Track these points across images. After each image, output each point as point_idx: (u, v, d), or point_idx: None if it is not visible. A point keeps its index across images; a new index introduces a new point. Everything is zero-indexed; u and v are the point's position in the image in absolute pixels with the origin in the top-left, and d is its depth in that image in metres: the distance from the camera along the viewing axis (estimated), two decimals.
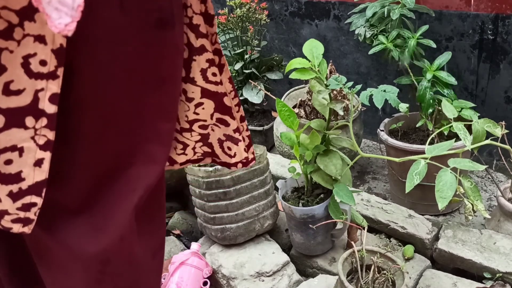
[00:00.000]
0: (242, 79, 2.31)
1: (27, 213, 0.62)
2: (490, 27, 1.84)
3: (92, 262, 0.73)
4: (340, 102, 1.33)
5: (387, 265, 1.22)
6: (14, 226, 0.63)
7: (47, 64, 0.56)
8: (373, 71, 2.24)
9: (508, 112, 1.90)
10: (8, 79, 0.55)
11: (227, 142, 0.93)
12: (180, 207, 1.92)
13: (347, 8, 2.18)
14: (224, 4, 2.41)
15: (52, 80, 0.57)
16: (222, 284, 1.46)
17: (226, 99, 0.88)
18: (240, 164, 0.96)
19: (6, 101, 0.56)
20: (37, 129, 0.59)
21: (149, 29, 0.68)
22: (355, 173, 2.13)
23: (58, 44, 0.56)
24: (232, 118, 0.90)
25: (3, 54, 0.54)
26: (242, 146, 0.94)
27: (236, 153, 0.94)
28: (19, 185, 0.60)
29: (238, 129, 0.92)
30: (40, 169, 0.60)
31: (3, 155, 0.58)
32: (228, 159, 0.95)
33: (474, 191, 1.10)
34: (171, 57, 0.74)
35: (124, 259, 0.77)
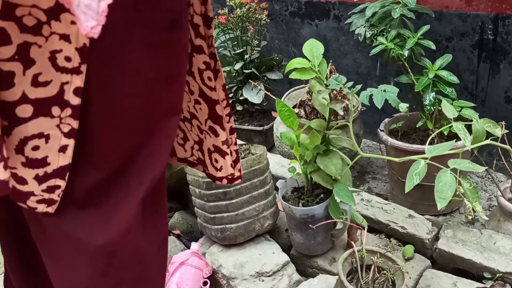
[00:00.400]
0: (242, 79, 2.31)
1: (51, 194, 0.66)
2: (490, 27, 1.84)
3: (98, 254, 0.74)
4: (340, 102, 1.33)
5: (387, 265, 1.22)
6: (39, 206, 0.67)
7: (71, 60, 0.60)
8: (373, 71, 2.24)
9: (508, 112, 1.90)
10: (37, 71, 0.59)
11: (215, 154, 0.93)
12: (180, 207, 1.92)
13: (347, 8, 2.18)
14: (224, 4, 2.41)
15: (76, 75, 0.61)
16: (222, 284, 1.46)
17: (218, 107, 0.89)
18: (225, 180, 0.96)
19: (34, 92, 0.60)
20: (62, 118, 0.63)
21: (161, 30, 0.71)
22: (355, 173, 2.13)
23: (81, 43, 0.60)
24: (222, 129, 0.91)
25: (32, 48, 0.58)
26: (228, 160, 0.94)
27: (222, 167, 0.94)
28: (44, 169, 0.64)
29: (227, 141, 0.92)
30: (64, 154, 0.65)
31: (31, 141, 0.62)
32: (214, 171, 0.95)
33: (473, 193, 1.10)
34: (179, 57, 0.77)
35: (130, 252, 0.78)
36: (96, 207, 0.73)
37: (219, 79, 0.89)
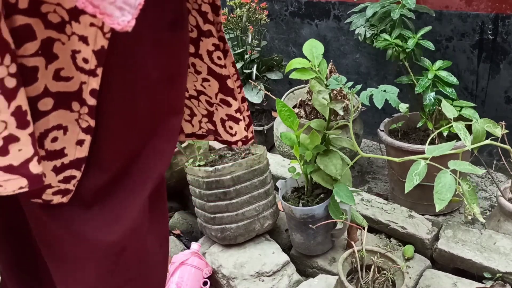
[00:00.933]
0: (242, 79, 2.31)
1: (67, 184, 0.67)
2: (490, 27, 1.84)
3: (106, 252, 0.75)
4: (340, 102, 1.33)
5: (387, 265, 1.22)
6: (54, 198, 0.67)
7: (88, 62, 0.61)
8: (373, 71, 2.24)
9: (508, 112, 1.90)
10: (59, 66, 0.60)
11: (229, 122, 0.98)
12: (180, 207, 1.92)
13: (347, 8, 2.18)
14: (224, 4, 2.41)
15: (92, 77, 0.62)
16: (222, 284, 1.46)
17: (229, 81, 0.93)
18: (240, 142, 1.01)
19: (55, 85, 0.61)
20: (81, 114, 0.64)
21: (163, 30, 0.72)
22: (355, 173, 2.13)
23: (99, 45, 0.60)
24: (234, 99, 0.95)
25: (56, 44, 0.59)
26: (242, 125, 0.99)
27: (237, 131, 0.99)
28: (62, 160, 0.65)
29: (240, 109, 0.97)
30: (81, 148, 0.66)
31: (51, 133, 0.63)
32: (230, 137, 1.00)
33: (471, 194, 1.09)
34: (180, 57, 0.79)
35: (137, 249, 0.80)
36: (103, 206, 0.74)
37: (228, 58, 0.93)
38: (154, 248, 0.85)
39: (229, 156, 1.61)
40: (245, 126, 1.00)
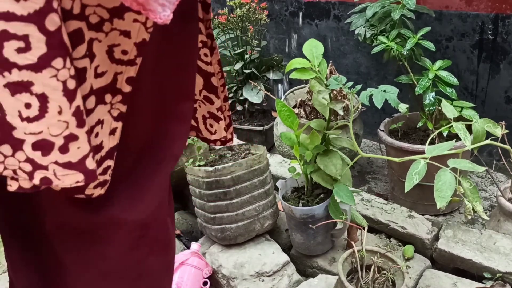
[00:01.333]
0: (242, 79, 2.31)
1: (105, 176, 0.69)
2: (490, 27, 1.84)
3: (132, 231, 0.79)
4: (340, 102, 1.33)
5: (387, 265, 1.22)
6: (95, 191, 0.69)
7: (127, 53, 0.66)
8: (373, 71, 2.24)
9: (508, 112, 1.90)
10: (97, 64, 0.64)
11: (209, 119, 1.01)
12: (180, 207, 1.92)
13: (347, 8, 2.18)
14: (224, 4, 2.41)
15: (130, 66, 0.67)
16: (222, 284, 1.46)
17: (213, 79, 0.97)
18: (219, 142, 1.05)
19: (96, 82, 0.65)
20: (113, 104, 0.67)
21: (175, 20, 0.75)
22: (355, 173, 2.13)
23: (141, 38, 0.66)
24: (217, 97, 0.99)
25: (94, 43, 0.63)
26: (222, 124, 1.02)
27: (216, 130, 1.02)
28: (100, 153, 0.68)
29: (221, 108, 1.00)
30: (114, 136, 0.69)
31: (95, 129, 0.66)
32: (209, 135, 1.03)
33: (473, 192, 1.09)
34: (189, 46, 0.83)
35: (159, 226, 0.84)
36: (128, 187, 0.78)
37: (214, 55, 0.97)
38: (171, 226, 0.90)
39: (229, 156, 1.61)
40: (225, 126, 1.03)
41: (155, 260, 0.87)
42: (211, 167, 1.45)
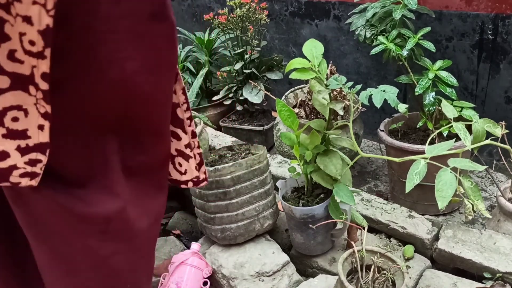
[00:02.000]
0: (242, 79, 2.31)
1: (33, 167, 0.68)
2: (490, 27, 1.84)
3: (93, 222, 0.77)
4: (340, 102, 1.33)
5: (387, 265, 1.22)
6: (22, 180, 0.68)
7: (35, 44, 0.60)
8: (373, 71, 2.24)
9: (508, 112, 1.90)
10: (12, 47, 0.60)
11: (178, 158, 0.94)
12: (180, 207, 1.92)
13: (347, 8, 2.18)
14: (224, 4, 2.41)
15: (41, 60, 0.62)
16: (222, 284, 1.46)
17: (178, 110, 0.90)
18: (191, 183, 0.98)
19: (11, 65, 0.61)
20: (38, 99, 0.65)
21: (142, 21, 0.72)
22: (355, 173, 2.13)
23: (44, 25, 0.60)
24: (184, 132, 0.92)
25: (6, 25, 0.59)
26: (193, 163, 0.95)
27: (186, 170, 0.96)
28: (26, 141, 0.66)
29: (190, 145, 0.93)
30: (43, 132, 0.67)
31: (10, 112, 0.64)
32: (179, 176, 0.97)
33: (474, 191, 1.09)
34: (161, 49, 0.78)
35: (123, 219, 0.81)
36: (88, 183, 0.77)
37: (178, 83, 0.90)
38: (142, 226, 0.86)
39: (229, 156, 1.61)
40: (196, 165, 0.96)
41: (123, 259, 0.84)
42: (211, 167, 1.45)
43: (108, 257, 0.82)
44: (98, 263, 0.82)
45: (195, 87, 1.95)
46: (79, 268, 0.81)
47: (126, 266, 0.85)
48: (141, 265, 0.90)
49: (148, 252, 0.91)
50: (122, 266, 0.85)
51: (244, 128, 2.37)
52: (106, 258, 0.82)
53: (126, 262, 0.85)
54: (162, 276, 1.47)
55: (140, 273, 0.91)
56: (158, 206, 0.92)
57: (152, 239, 0.92)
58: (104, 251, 0.81)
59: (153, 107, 0.81)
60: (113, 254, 0.82)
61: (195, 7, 3.00)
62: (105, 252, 0.81)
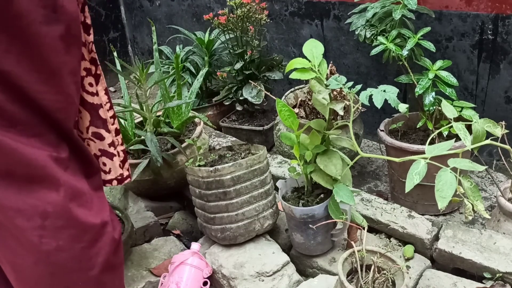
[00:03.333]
0: (242, 79, 2.31)
1: None
2: (490, 27, 1.84)
3: (31, 215, 0.78)
4: (340, 102, 1.33)
5: (387, 265, 1.22)
6: None
7: None
8: (373, 71, 2.24)
9: (508, 112, 1.90)
10: None
11: (102, 158, 0.96)
12: (180, 207, 1.92)
13: (347, 8, 2.18)
14: (224, 4, 2.41)
15: None
16: (222, 284, 1.46)
17: (101, 111, 0.91)
18: (115, 181, 0.99)
19: None
20: None
21: (37, 24, 0.74)
22: (355, 173, 2.13)
23: None
24: (107, 132, 0.93)
25: None
26: (117, 161, 0.96)
27: (111, 169, 0.97)
28: None
29: (113, 143, 0.95)
30: None
31: None
32: (103, 175, 0.98)
33: (474, 191, 1.09)
34: (54, 51, 0.79)
35: (61, 213, 0.82)
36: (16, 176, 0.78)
37: (100, 83, 0.91)
38: (91, 223, 0.86)
39: (229, 156, 1.61)
40: (120, 162, 0.97)
41: (69, 256, 0.84)
42: (211, 167, 1.45)
43: (52, 253, 0.81)
44: (41, 259, 0.81)
45: (195, 87, 1.95)
46: (23, 263, 0.81)
47: (74, 264, 0.84)
48: (94, 265, 0.88)
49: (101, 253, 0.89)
50: (70, 264, 0.84)
51: (244, 128, 2.37)
52: (49, 254, 0.81)
53: (74, 260, 0.84)
54: (162, 276, 1.47)
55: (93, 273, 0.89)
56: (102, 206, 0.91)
57: (105, 240, 0.90)
58: (46, 247, 0.81)
59: (52, 111, 0.82)
60: (57, 251, 0.82)
61: (195, 7, 3.00)
62: (48, 248, 0.81)
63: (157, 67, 1.88)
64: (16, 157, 0.79)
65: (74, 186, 0.85)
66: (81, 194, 0.86)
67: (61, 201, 0.81)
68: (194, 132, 1.85)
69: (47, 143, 0.83)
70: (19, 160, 0.79)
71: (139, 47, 3.63)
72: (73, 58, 0.84)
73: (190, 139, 1.70)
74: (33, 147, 0.81)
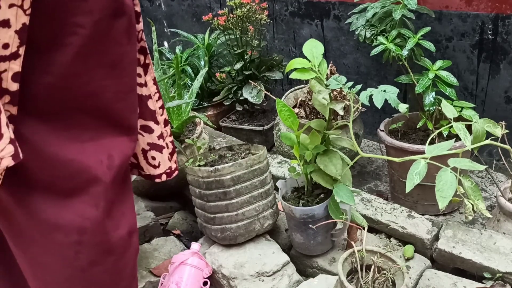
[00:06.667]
0: (242, 79, 2.31)
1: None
2: (490, 27, 1.84)
3: (68, 231, 0.77)
4: (340, 102, 1.33)
5: (387, 265, 1.22)
6: None
7: (9, 46, 0.61)
8: (373, 71, 2.24)
9: (508, 112, 1.90)
10: None
11: (151, 152, 0.93)
12: (180, 207, 1.92)
13: (347, 8, 2.18)
14: (224, 4, 2.41)
15: (14, 61, 0.62)
16: (222, 284, 1.46)
17: (150, 102, 0.89)
18: (165, 175, 0.96)
19: None
20: (5, 104, 0.64)
21: (105, 17, 0.73)
22: (355, 173, 2.13)
23: (21, 23, 0.60)
24: (156, 123, 0.91)
25: None
26: (166, 153, 0.94)
27: (160, 162, 0.94)
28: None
29: (162, 134, 0.92)
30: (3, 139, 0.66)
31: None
32: (153, 170, 0.95)
33: (474, 191, 1.09)
34: (119, 43, 0.78)
35: (97, 230, 0.80)
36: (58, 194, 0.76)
37: (149, 73, 0.89)
38: (120, 236, 0.85)
39: (229, 156, 1.61)
40: (169, 154, 0.94)
41: (102, 270, 0.82)
42: (211, 167, 1.45)
43: (85, 268, 0.81)
44: (75, 274, 0.80)
45: (195, 88, 1.95)
46: (57, 279, 0.80)
47: (106, 277, 0.84)
48: (123, 277, 0.88)
49: (129, 264, 0.89)
50: (102, 278, 0.83)
51: (244, 128, 2.37)
52: (83, 269, 0.80)
53: (106, 273, 0.84)
54: (162, 276, 1.47)
55: (123, 284, 0.89)
56: (133, 216, 0.90)
57: (132, 250, 0.90)
58: (81, 263, 0.80)
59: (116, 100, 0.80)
60: (91, 266, 0.81)
61: (195, 7, 3.00)
62: (82, 264, 0.80)
63: (157, 67, 1.88)
64: (65, 169, 0.75)
65: (111, 200, 0.82)
66: (116, 206, 0.84)
67: (99, 217, 0.79)
68: (194, 132, 1.85)
69: (102, 148, 0.80)
70: (67, 172, 0.76)
71: None
72: (133, 47, 0.82)
73: (190, 139, 1.70)
74: (86, 155, 0.77)
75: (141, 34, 0.87)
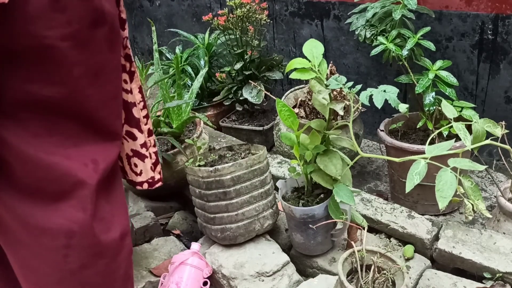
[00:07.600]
0: (242, 79, 2.31)
1: None
2: (490, 27, 1.84)
3: (57, 235, 0.77)
4: (340, 102, 1.33)
5: (387, 265, 1.22)
6: None
7: None
8: (373, 71, 2.24)
9: (508, 112, 1.90)
10: None
11: (134, 158, 0.93)
12: (180, 207, 1.92)
13: (347, 8, 2.18)
14: (224, 4, 2.41)
15: None
16: (222, 284, 1.46)
17: (135, 110, 0.89)
18: (146, 184, 0.96)
19: None
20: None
21: (84, 27, 0.74)
22: (355, 173, 2.13)
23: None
24: (139, 131, 0.91)
25: None
26: (148, 163, 0.94)
27: (142, 171, 0.94)
28: None
29: (145, 144, 0.92)
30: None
31: None
32: (135, 177, 0.96)
33: (474, 191, 1.09)
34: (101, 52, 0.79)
35: (86, 232, 0.80)
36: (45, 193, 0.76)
37: (135, 81, 0.89)
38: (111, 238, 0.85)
39: (229, 156, 1.61)
40: (152, 165, 0.94)
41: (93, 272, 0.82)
42: (211, 167, 1.45)
43: (76, 272, 0.81)
44: (66, 278, 0.80)
45: (195, 88, 1.95)
46: (47, 282, 0.80)
47: (98, 280, 0.84)
48: (117, 278, 0.88)
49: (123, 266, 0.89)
50: (94, 280, 0.83)
51: (244, 128, 2.37)
52: (73, 273, 0.80)
53: (98, 276, 0.84)
54: (162, 276, 1.47)
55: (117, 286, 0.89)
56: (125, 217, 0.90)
57: (125, 252, 0.89)
58: (71, 266, 0.80)
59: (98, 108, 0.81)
60: (81, 269, 0.81)
61: (195, 7, 3.00)
62: (72, 267, 0.80)
63: (157, 67, 1.88)
64: (50, 172, 0.76)
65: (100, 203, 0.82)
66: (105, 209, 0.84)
67: (87, 220, 0.79)
68: (194, 132, 1.85)
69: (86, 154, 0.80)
70: (52, 176, 0.76)
71: (139, 47, 3.63)
72: (116, 55, 0.82)
73: (190, 139, 1.70)
74: (70, 159, 0.77)
75: (126, 41, 0.87)
